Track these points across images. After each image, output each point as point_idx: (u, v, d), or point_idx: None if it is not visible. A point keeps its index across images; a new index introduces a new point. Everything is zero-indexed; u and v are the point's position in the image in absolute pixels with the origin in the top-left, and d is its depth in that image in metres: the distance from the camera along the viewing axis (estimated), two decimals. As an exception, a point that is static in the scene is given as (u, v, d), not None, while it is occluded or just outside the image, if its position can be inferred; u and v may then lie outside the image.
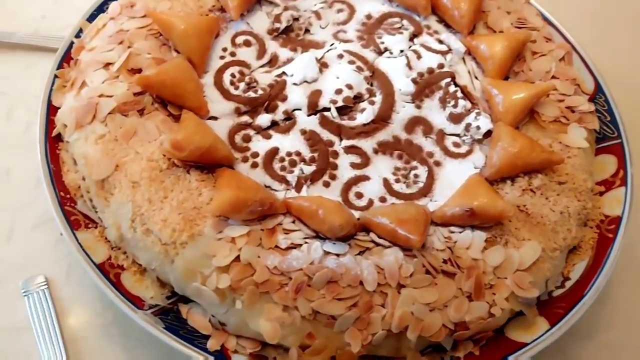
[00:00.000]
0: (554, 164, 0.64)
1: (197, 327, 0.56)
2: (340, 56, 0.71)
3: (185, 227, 0.55)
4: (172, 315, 0.57)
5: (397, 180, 0.65)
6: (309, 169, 0.63)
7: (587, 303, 0.60)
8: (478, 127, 0.67)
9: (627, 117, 0.74)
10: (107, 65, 0.65)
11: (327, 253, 0.56)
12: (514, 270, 0.58)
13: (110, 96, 0.62)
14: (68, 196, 0.62)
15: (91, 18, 0.74)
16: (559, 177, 0.65)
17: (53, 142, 0.65)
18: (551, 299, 0.62)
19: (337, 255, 0.56)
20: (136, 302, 0.56)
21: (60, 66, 0.70)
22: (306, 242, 0.56)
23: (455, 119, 0.69)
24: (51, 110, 0.66)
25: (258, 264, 0.54)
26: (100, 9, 0.75)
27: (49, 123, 0.65)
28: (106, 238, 0.60)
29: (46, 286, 0.63)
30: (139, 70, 0.64)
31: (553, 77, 0.72)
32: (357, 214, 0.61)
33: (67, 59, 0.71)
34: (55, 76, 0.69)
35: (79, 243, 0.58)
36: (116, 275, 0.58)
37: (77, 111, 0.62)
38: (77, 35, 0.72)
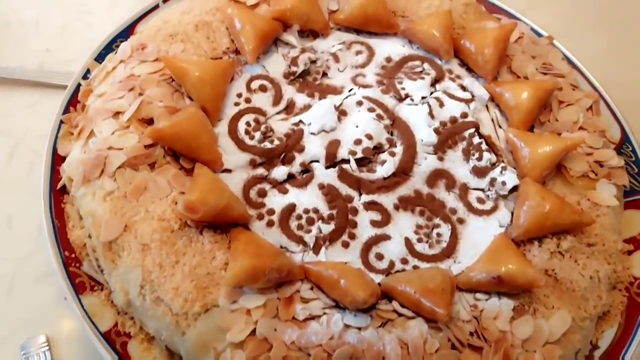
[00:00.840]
0: (584, 225, 0.61)
1: (208, 401, 0.53)
2: (360, 103, 0.68)
3: (198, 297, 0.52)
4: (180, 387, 0.54)
5: (420, 240, 0.62)
6: (327, 228, 0.60)
7: (620, 376, 0.57)
8: (504, 183, 0.64)
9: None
10: (117, 114, 0.61)
11: (347, 326, 0.52)
12: (543, 342, 0.55)
13: (120, 149, 0.59)
14: (73, 255, 0.58)
15: (99, 57, 0.71)
16: (588, 238, 0.62)
17: (58, 194, 0.62)
18: (581, 371, 0.59)
19: (359, 328, 0.52)
20: (143, 374, 0.53)
21: (66, 109, 0.67)
22: (325, 313, 0.53)
23: (479, 172, 0.66)
24: (56, 157, 0.63)
25: (275, 338, 0.51)
26: (109, 48, 0.72)
27: (54, 173, 0.62)
28: (112, 302, 0.57)
29: (47, 348, 0.60)
30: (151, 120, 0.61)
31: (581, 128, 0.69)
32: (377, 277, 0.58)
33: (73, 101, 0.68)
34: (61, 121, 0.66)
35: (84, 309, 0.55)
36: (122, 345, 0.54)
37: (85, 165, 0.58)
38: (85, 76, 0.69)
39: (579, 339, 0.57)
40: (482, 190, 0.66)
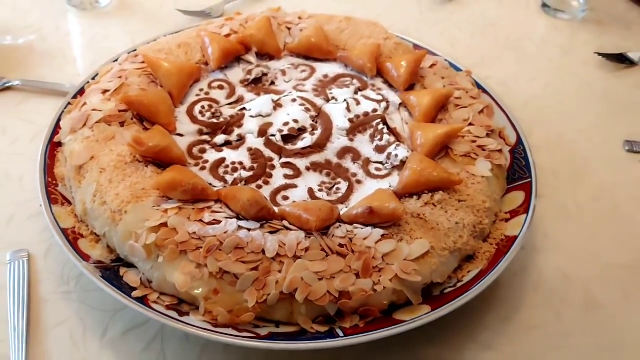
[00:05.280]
0: (453, 183, 0.75)
1: (128, 282, 0.68)
2: (294, 100, 0.88)
3: (131, 200, 0.69)
4: (111, 272, 0.69)
5: (320, 190, 0.77)
6: (246, 174, 0.77)
7: (470, 295, 0.67)
8: (396, 155, 0.80)
9: (538, 158, 0.86)
10: (104, 91, 0.83)
11: (240, 227, 0.67)
12: (401, 259, 0.67)
13: (100, 110, 0.80)
14: (54, 182, 0.78)
15: (107, 68, 0.95)
16: (460, 196, 0.75)
17: (54, 146, 0.82)
18: (441, 295, 0.69)
19: (249, 229, 0.67)
20: (84, 257, 0.69)
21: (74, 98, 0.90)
22: (227, 220, 0.68)
23: (379, 149, 0.82)
24: (58, 125, 0.85)
25: (181, 229, 0.66)
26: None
27: (55, 133, 0.84)
28: (75, 214, 0.75)
29: (26, 258, 0.77)
30: (128, 96, 0.83)
31: (470, 124, 0.84)
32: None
33: (81, 92, 0.90)
34: (69, 103, 0.88)
35: (52, 213, 0.73)
36: (74, 239, 0.71)
37: (73, 119, 0.80)
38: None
39: (435, 262, 0.68)
40: (381, 162, 0.81)
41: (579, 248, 0.84)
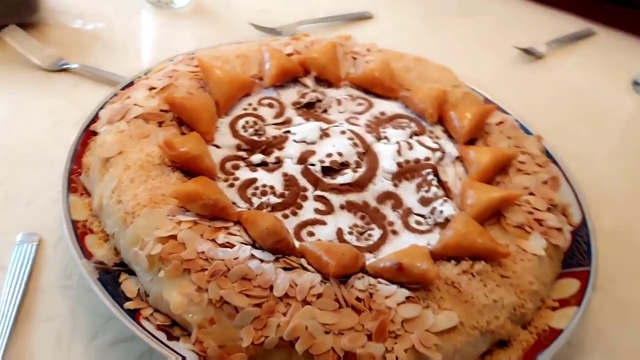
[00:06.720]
0: (499, 255, 0.66)
1: (125, 290, 0.62)
2: (343, 132, 0.82)
3: (148, 204, 0.65)
4: (110, 275, 0.64)
5: (350, 233, 0.70)
6: (275, 200, 0.71)
7: (494, 388, 0.58)
8: (441, 212, 0.72)
9: (601, 246, 0.75)
10: (151, 89, 0.80)
11: (253, 256, 0.61)
12: (423, 329, 0.59)
13: (142, 106, 0.76)
14: (79, 170, 0.74)
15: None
16: (504, 271, 0.66)
17: (90, 134, 0.79)
18: (464, 382, 0.61)
19: (262, 260, 0.61)
20: (86, 254, 0.65)
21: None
22: (241, 245, 0.63)
23: (424, 202, 0.75)
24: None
25: (190, 245, 0.61)
26: (173, 63, 0.93)
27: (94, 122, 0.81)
28: (91, 209, 0.71)
29: (37, 243, 0.74)
30: (173, 98, 0.79)
31: (531, 193, 0.76)
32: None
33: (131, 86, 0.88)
34: (115, 94, 0.85)
35: (68, 201, 0.69)
36: (82, 234, 0.67)
37: (112, 110, 0.77)
38: (147, 75, 0.90)
39: (461, 341, 0.60)
40: (423, 216, 0.74)
41: (634, 353, 0.73)
